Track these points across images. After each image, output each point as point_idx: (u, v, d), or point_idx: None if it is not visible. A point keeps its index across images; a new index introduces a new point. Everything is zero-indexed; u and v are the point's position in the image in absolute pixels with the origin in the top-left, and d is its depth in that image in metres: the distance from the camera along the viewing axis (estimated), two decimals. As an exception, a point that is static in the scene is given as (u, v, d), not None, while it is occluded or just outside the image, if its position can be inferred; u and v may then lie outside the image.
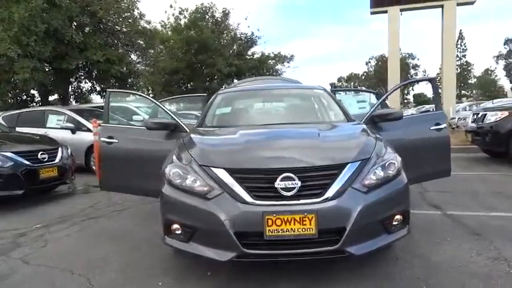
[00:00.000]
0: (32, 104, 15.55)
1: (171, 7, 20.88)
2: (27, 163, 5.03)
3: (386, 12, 20.42)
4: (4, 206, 4.92)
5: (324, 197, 2.22)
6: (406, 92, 56.83)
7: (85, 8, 13.13)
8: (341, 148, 2.63)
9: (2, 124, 7.43)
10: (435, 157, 3.70)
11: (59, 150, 5.66)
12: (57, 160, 5.49)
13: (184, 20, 20.88)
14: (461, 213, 3.90)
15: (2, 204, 4.95)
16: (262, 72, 20.95)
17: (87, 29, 13.80)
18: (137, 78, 17.00)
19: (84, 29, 13.61)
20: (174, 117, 3.64)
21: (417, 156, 3.36)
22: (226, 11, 21.21)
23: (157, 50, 19.82)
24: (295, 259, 2.44)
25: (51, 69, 13.77)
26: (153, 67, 19.74)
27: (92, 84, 16.04)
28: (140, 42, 15.85)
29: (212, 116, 3.76)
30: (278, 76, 18.96)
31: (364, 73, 66.05)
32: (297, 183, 2.22)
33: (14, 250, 3.37)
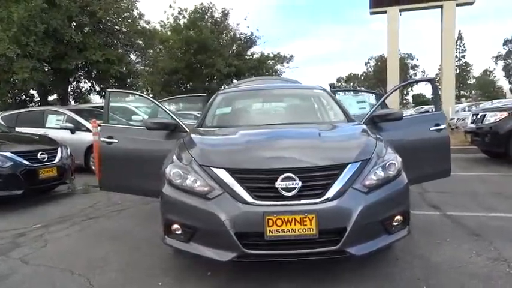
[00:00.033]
0: (31, 104, 15.53)
1: (171, 7, 20.93)
2: (26, 163, 5.03)
3: (385, 12, 20.46)
4: (4, 206, 4.91)
5: (325, 197, 2.22)
6: (406, 93, 56.82)
7: (84, 8, 13.12)
8: (342, 148, 2.63)
9: (2, 124, 7.40)
10: (435, 157, 3.70)
11: (59, 150, 5.65)
12: (56, 160, 5.48)
13: (183, 20, 20.91)
14: (461, 213, 3.90)
15: (2, 204, 4.94)
16: (261, 72, 20.95)
17: (86, 29, 13.79)
18: (136, 78, 16.97)
19: (83, 29, 13.59)
20: (174, 117, 3.63)
21: (417, 156, 3.35)
22: (225, 11, 21.28)
23: (156, 50, 19.79)
24: (295, 259, 2.43)
25: (50, 69, 13.75)
26: (153, 67, 19.71)
27: (91, 84, 16.03)
28: (139, 42, 15.84)
29: (212, 116, 3.76)
30: (277, 76, 18.96)
31: (363, 73, 66.07)
32: (298, 183, 2.21)
33: (14, 250, 3.36)
